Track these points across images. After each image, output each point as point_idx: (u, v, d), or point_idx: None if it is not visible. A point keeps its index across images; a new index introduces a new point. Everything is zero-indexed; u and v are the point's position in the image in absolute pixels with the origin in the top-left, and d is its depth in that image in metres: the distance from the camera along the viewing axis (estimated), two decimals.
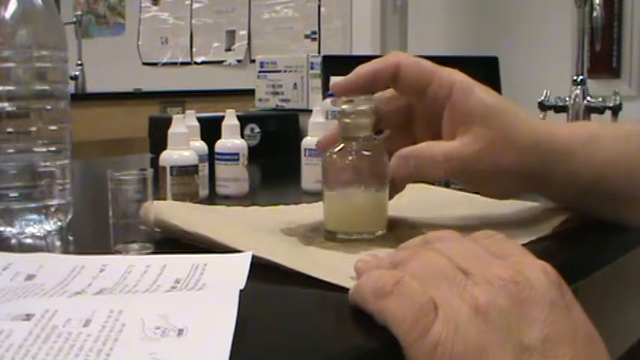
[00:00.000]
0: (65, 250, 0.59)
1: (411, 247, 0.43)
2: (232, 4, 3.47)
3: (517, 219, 0.63)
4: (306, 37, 3.20)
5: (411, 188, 0.77)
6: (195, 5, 3.63)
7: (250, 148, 0.80)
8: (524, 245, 0.54)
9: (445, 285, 0.36)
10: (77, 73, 3.43)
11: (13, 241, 0.59)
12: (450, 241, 0.41)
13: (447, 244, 0.40)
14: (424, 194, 0.74)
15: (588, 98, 1.38)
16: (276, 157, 1.13)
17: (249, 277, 0.42)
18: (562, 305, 0.35)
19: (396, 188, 0.59)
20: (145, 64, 3.84)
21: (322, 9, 3.14)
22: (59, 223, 0.62)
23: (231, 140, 0.79)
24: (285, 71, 1.35)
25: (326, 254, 0.53)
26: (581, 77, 1.38)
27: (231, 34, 3.49)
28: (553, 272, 0.36)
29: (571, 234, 0.60)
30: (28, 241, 0.60)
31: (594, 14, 1.29)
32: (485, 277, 0.35)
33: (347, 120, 0.57)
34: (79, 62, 3.47)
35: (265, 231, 0.58)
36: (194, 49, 3.64)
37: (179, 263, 0.46)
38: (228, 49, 3.50)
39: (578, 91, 1.38)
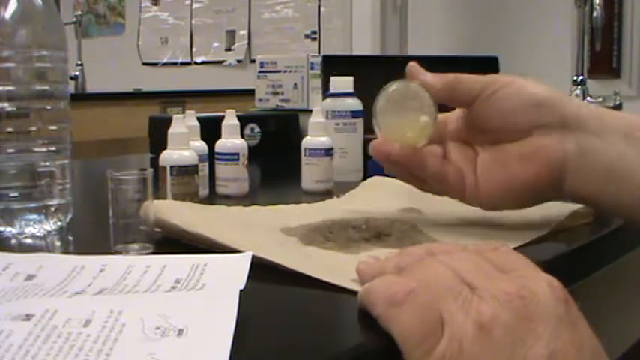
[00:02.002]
0: (65, 250, 0.59)
1: (415, 254, 0.42)
2: (232, 4, 3.47)
3: (517, 219, 0.63)
4: (306, 37, 3.20)
5: (410, 187, 0.77)
6: (195, 5, 3.63)
7: (250, 148, 0.80)
8: (524, 245, 0.54)
9: (451, 298, 0.36)
10: (77, 73, 3.43)
11: (13, 241, 0.59)
12: (455, 254, 0.40)
13: (452, 257, 0.39)
14: (425, 195, 0.74)
15: (588, 98, 1.38)
16: (276, 157, 1.13)
17: (249, 277, 0.42)
18: (568, 320, 0.34)
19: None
20: (145, 64, 3.84)
21: (322, 9, 3.14)
22: (59, 223, 0.62)
23: (231, 140, 0.79)
24: (285, 71, 1.35)
25: (326, 254, 0.53)
26: (581, 77, 1.38)
27: (231, 34, 3.49)
28: (559, 287, 0.36)
29: (571, 234, 0.60)
30: (28, 241, 0.60)
31: (594, 14, 1.29)
32: (491, 291, 0.35)
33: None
34: (79, 62, 3.47)
35: (265, 231, 0.58)
36: (194, 49, 3.64)
37: (179, 263, 0.46)
38: (228, 49, 3.50)
39: (578, 91, 1.38)
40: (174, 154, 0.71)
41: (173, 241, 0.56)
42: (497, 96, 0.57)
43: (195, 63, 3.64)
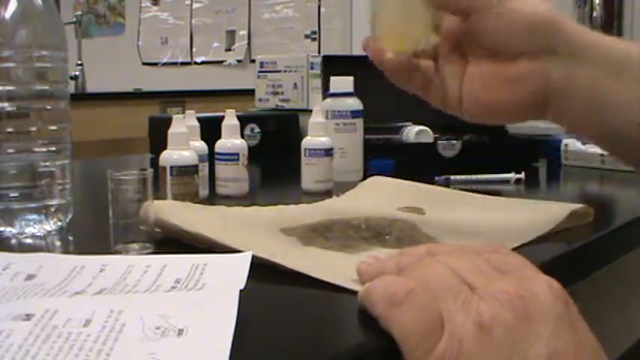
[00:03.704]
0: (65, 250, 0.59)
1: (415, 254, 0.42)
2: (232, 4, 3.47)
3: (517, 218, 0.63)
4: (306, 37, 3.20)
5: (410, 187, 0.77)
6: (195, 5, 3.63)
7: (250, 148, 0.80)
8: (524, 245, 0.54)
9: (451, 298, 0.36)
10: (77, 73, 3.43)
11: (13, 241, 0.60)
12: (455, 255, 0.40)
13: (451, 257, 0.39)
14: (424, 194, 0.74)
15: None
16: (276, 157, 1.13)
17: (249, 277, 0.42)
18: (567, 320, 0.34)
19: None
20: (145, 64, 3.84)
21: (322, 9, 3.14)
22: (59, 223, 0.62)
23: (231, 140, 0.79)
24: (285, 71, 1.35)
25: (326, 254, 0.53)
26: None
27: (231, 34, 3.49)
28: (558, 287, 0.36)
29: (571, 234, 0.60)
30: (28, 241, 0.60)
31: (594, 14, 1.29)
32: (491, 291, 0.35)
33: None
34: (79, 62, 3.47)
35: (265, 231, 0.58)
36: (194, 49, 3.65)
37: (179, 263, 0.46)
38: (228, 49, 3.50)
39: None
40: (174, 154, 0.71)
41: (173, 241, 0.56)
42: (494, 12, 0.55)
43: (195, 63, 3.64)
